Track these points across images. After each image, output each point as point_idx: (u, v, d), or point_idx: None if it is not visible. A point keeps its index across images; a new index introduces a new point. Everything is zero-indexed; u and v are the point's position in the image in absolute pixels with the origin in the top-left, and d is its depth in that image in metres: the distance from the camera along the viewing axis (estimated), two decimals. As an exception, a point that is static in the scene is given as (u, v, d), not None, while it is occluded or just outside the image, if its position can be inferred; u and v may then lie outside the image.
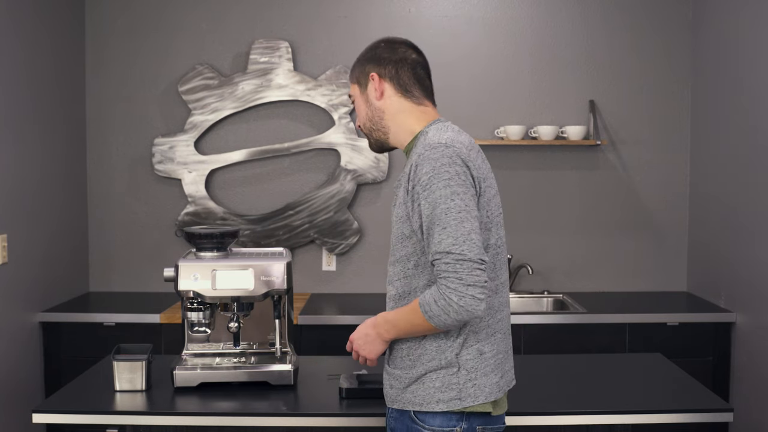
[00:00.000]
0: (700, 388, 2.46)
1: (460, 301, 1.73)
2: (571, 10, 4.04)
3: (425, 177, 1.78)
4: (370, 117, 2.00)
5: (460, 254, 1.72)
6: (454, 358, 1.85)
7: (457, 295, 1.73)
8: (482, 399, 1.85)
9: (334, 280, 4.13)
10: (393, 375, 1.94)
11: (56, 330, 3.60)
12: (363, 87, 2.01)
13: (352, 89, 2.05)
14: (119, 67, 4.06)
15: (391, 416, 1.96)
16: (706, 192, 3.89)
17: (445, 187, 1.76)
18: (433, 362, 1.86)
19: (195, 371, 2.41)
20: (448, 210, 1.75)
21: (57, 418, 2.26)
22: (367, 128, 2.02)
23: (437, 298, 1.75)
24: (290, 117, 4.07)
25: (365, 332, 1.95)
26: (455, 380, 1.85)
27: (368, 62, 1.99)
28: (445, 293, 1.74)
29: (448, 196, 1.75)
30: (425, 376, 1.87)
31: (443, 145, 1.80)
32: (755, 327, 3.38)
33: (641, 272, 4.12)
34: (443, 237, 1.74)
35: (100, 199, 4.10)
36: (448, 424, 1.85)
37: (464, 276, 1.72)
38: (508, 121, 4.05)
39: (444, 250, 1.74)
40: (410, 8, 4.03)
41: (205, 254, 2.43)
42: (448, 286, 1.73)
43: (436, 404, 1.85)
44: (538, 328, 3.56)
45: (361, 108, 2.02)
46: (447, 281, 1.73)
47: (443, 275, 1.74)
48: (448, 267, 1.73)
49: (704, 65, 3.90)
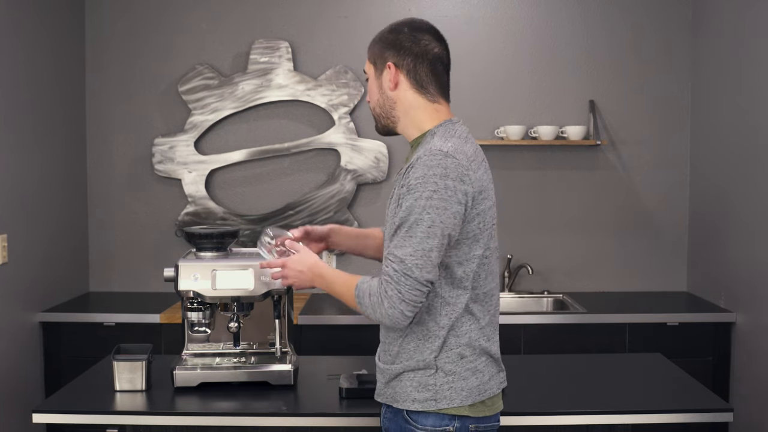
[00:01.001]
0: (700, 388, 2.46)
1: (389, 310, 1.78)
2: (571, 10, 4.04)
3: (414, 181, 1.78)
4: (381, 104, 1.97)
5: (410, 269, 1.75)
6: (432, 360, 1.86)
7: (390, 304, 1.77)
8: (458, 402, 1.86)
9: (334, 280, 4.12)
10: (379, 368, 1.98)
11: (56, 330, 3.60)
12: (378, 71, 1.96)
13: (368, 66, 1.99)
14: (119, 67, 4.06)
15: (385, 417, 1.96)
16: (706, 192, 3.89)
17: (427, 198, 1.76)
18: (411, 361, 1.87)
19: (195, 371, 2.41)
20: (420, 221, 1.76)
21: (57, 418, 2.26)
22: (377, 113, 1.99)
23: (373, 293, 1.81)
24: (290, 117, 4.07)
25: (302, 269, 2.00)
26: (432, 381, 1.86)
27: (388, 48, 1.93)
28: (381, 295, 1.79)
29: (425, 208, 1.76)
30: (403, 374, 1.89)
31: (443, 153, 1.79)
32: (755, 327, 3.38)
33: (641, 272, 4.12)
34: (405, 244, 1.77)
35: (100, 199, 4.10)
36: (440, 424, 1.86)
37: (404, 291, 1.76)
38: (508, 121, 4.05)
39: (398, 256, 1.77)
40: (410, 8, 4.03)
41: (205, 254, 2.43)
42: (386, 292, 1.78)
43: (412, 403, 1.86)
44: (538, 328, 3.56)
45: (373, 90, 1.98)
46: (387, 286, 1.78)
47: (387, 278, 1.79)
48: (396, 275, 1.77)
49: (704, 65, 3.90)
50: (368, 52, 1.98)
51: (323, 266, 1.99)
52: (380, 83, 1.96)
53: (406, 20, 1.98)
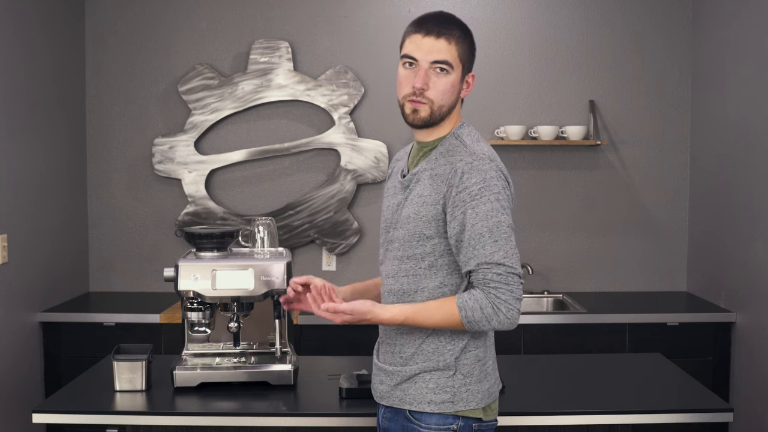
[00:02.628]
0: (700, 388, 2.46)
1: (508, 313, 1.78)
2: (571, 10, 4.04)
3: (475, 187, 1.78)
4: (451, 105, 1.89)
5: (512, 267, 1.78)
6: (453, 361, 1.86)
7: (507, 307, 1.77)
8: (474, 405, 1.87)
9: (334, 280, 4.09)
10: (384, 371, 1.94)
11: (56, 330, 3.60)
12: (465, 71, 1.91)
13: (456, 64, 1.87)
14: (119, 67, 4.06)
15: (384, 416, 1.95)
16: (706, 192, 3.89)
17: (496, 201, 1.79)
18: (429, 362, 1.87)
19: (195, 371, 2.41)
20: (500, 224, 1.78)
21: (57, 418, 2.26)
22: (443, 111, 1.88)
23: (484, 305, 1.78)
24: (290, 117, 4.07)
25: (364, 317, 1.87)
26: (450, 383, 1.86)
27: (473, 55, 1.93)
28: (494, 303, 1.77)
29: (499, 210, 1.79)
30: (418, 376, 1.88)
31: (488, 157, 1.83)
32: (755, 327, 3.38)
33: (641, 272, 4.12)
34: (495, 249, 1.77)
35: (100, 199, 4.09)
36: (444, 422, 1.86)
37: (515, 290, 1.78)
38: (508, 121, 4.05)
39: (496, 261, 1.77)
40: (410, 8, 4.03)
41: (205, 254, 2.43)
42: (499, 297, 1.77)
43: (428, 405, 1.86)
44: (538, 328, 3.56)
45: (453, 92, 1.88)
46: (498, 291, 1.77)
47: (493, 285, 1.77)
48: (500, 278, 1.77)
49: (704, 65, 3.90)
50: (458, 47, 1.88)
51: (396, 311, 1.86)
52: (459, 87, 1.90)
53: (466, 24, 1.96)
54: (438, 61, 1.85)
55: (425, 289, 1.88)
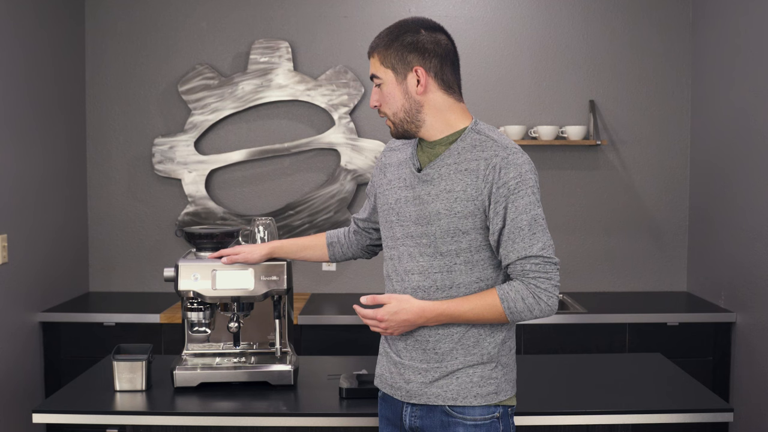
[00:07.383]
0: (700, 388, 2.46)
1: (549, 300, 1.83)
2: (571, 10, 4.04)
3: (513, 182, 1.82)
4: (406, 109, 1.89)
5: (550, 257, 1.83)
6: (496, 353, 1.89)
7: (547, 296, 1.83)
8: (511, 393, 1.93)
9: (334, 280, 4.13)
10: (412, 368, 1.91)
11: (56, 330, 3.60)
12: (401, 76, 1.88)
13: (382, 72, 1.89)
14: (119, 67, 4.06)
15: (413, 415, 1.92)
16: (706, 192, 3.89)
17: (532, 194, 1.84)
18: (470, 357, 1.88)
19: (195, 371, 2.41)
20: (537, 216, 1.84)
21: (57, 418, 2.26)
22: (400, 118, 1.90)
23: (525, 296, 1.82)
24: (290, 117, 4.07)
25: (405, 319, 1.86)
26: (494, 375, 1.89)
27: (410, 51, 1.86)
28: (535, 293, 1.82)
29: (536, 203, 1.84)
30: (460, 371, 1.88)
31: (519, 150, 1.86)
32: (755, 327, 3.38)
33: (641, 272, 4.12)
34: (534, 242, 1.82)
35: (100, 199, 4.10)
36: (488, 412, 1.88)
37: (554, 278, 1.84)
38: (508, 121, 4.05)
39: (535, 254, 1.82)
40: (410, 8, 4.03)
41: (205, 254, 2.43)
42: (539, 286, 1.82)
43: (474, 398, 1.87)
44: (538, 328, 3.56)
45: (395, 97, 1.89)
46: (538, 281, 1.82)
47: (533, 275, 1.82)
48: (539, 268, 1.82)
49: (704, 65, 3.90)
50: (379, 56, 1.90)
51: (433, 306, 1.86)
52: (404, 88, 1.88)
53: (415, 20, 1.91)
54: (372, 77, 1.94)
55: (461, 285, 1.87)
